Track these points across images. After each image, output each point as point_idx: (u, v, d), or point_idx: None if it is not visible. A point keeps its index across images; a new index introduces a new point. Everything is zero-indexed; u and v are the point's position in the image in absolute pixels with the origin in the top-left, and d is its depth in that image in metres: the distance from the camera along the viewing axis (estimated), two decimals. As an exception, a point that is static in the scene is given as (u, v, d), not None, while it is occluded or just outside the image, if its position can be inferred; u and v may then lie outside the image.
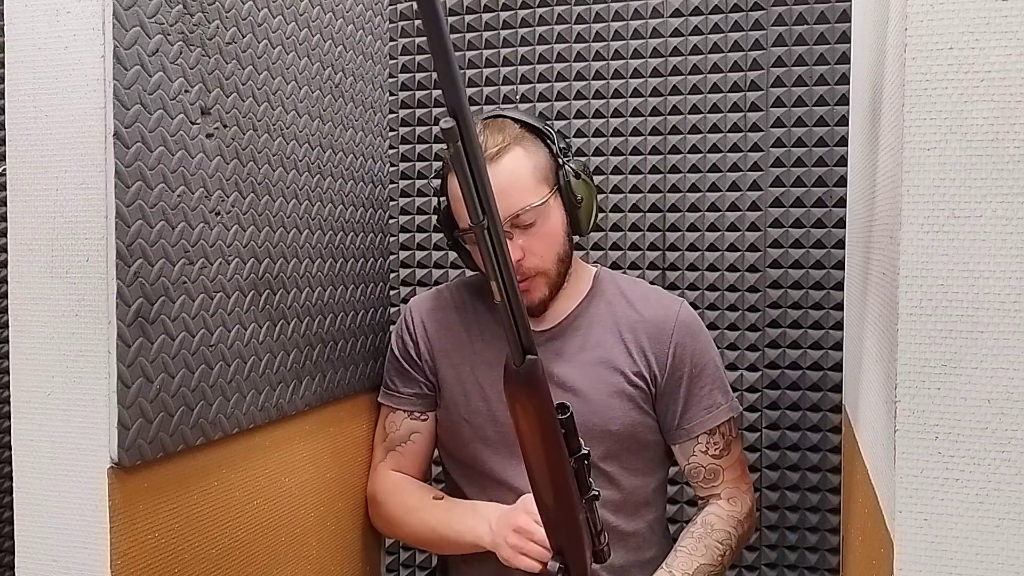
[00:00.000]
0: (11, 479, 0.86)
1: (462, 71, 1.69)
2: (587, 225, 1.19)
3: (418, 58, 1.72)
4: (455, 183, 1.15)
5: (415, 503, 1.25)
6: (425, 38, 0.76)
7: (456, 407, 1.24)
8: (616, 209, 1.62)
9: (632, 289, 1.27)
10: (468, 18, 1.68)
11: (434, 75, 1.71)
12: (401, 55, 1.72)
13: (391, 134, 1.71)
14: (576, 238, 1.22)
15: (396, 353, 1.31)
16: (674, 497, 1.62)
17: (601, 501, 1.15)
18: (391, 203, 1.71)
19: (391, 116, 1.71)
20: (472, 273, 1.37)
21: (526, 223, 1.11)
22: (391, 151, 1.71)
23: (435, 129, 1.72)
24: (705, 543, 1.17)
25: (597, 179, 1.61)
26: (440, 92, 1.69)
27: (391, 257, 1.67)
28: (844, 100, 1.49)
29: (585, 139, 1.63)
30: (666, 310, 1.23)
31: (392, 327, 1.57)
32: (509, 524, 1.09)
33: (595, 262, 1.37)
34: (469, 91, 1.68)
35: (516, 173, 1.11)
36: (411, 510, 1.24)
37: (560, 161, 1.15)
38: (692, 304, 1.58)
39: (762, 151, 1.54)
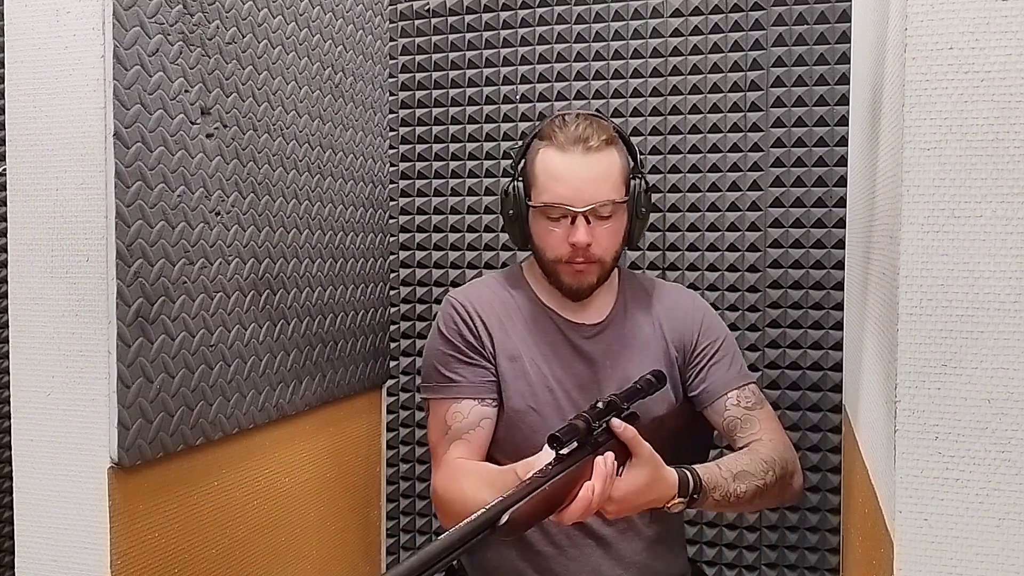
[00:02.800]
0: (11, 479, 0.86)
1: (462, 71, 1.69)
2: (639, 237, 1.25)
3: (418, 58, 1.72)
4: (547, 156, 1.17)
5: (472, 489, 1.10)
6: (424, 38, 0.78)
7: (522, 397, 1.22)
8: (616, 209, 1.62)
9: (650, 283, 1.35)
10: (468, 18, 1.68)
11: (435, 75, 1.71)
12: (401, 55, 1.72)
13: (391, 134, 1.71)
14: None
15: (457, 344, 1.23)
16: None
17: None
18: (391, 203, 1.70)
19: (391, 116, 1.70)
20: (487, 274, 1.37)
21: (604, 214, 1.17)
22: (391, 151, 1.71)
23: (435, 129, 1.72)
24: (750, 456, 1.17)
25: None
26: (440, 92, 1.70)
27: (391, 257, 1.67)
28: (844, 100, 1.48)
29: (585, 139, 1.63)
30: (687, 299, 1.32)
31: (393, 326, 1.57)
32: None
33: None
34: (469, 91, 1.68)
35: (612, 168, 1.18)
36: (468, 499, 1.08)
37: (636, 172, 1.22)
38: (692, 304, 1.60)
39: (762, 151, 1.54)
